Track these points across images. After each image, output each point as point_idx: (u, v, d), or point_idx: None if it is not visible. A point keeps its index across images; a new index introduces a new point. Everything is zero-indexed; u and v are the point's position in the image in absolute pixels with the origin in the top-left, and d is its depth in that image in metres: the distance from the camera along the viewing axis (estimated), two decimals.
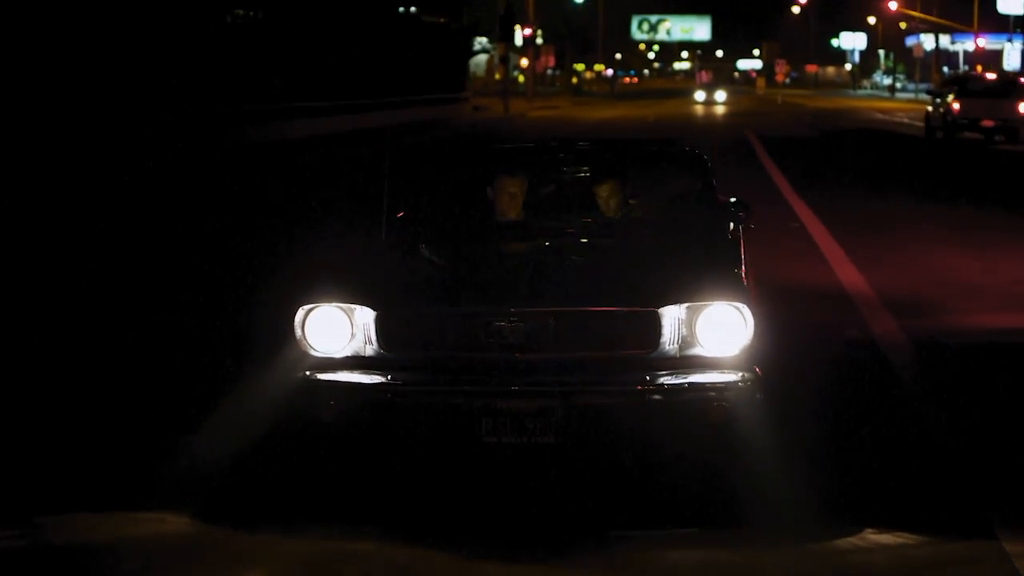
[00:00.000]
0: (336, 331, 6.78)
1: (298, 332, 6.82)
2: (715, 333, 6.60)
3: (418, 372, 6.71)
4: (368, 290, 6.90)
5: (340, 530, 6.39)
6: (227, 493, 6.91)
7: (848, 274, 13.44)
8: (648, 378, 6.53)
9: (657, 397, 6.51)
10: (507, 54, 69.53)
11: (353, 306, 6.77)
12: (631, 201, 8.44)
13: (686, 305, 6.60)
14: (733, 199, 8.74)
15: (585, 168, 8.92)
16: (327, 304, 6.82)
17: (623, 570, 6.00)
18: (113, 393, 8.73)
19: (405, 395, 6.65)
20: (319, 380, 6.72)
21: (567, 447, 6.66)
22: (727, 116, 64.43)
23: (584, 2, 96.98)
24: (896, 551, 6.17)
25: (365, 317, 6.74)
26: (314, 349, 6.81)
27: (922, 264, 14.49)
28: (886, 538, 6.26)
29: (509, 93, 66.55)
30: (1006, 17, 63.62)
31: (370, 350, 6.75)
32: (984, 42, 67.76)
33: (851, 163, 30.73)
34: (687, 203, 8.48)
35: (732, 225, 8.20)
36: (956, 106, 38.00)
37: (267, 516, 6.60)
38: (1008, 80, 43.48)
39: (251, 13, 39.07)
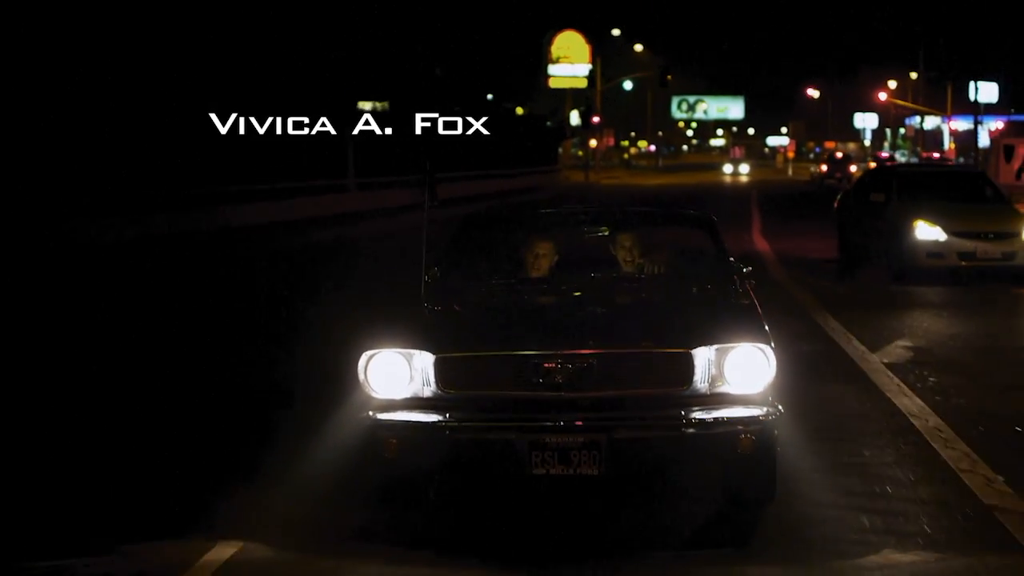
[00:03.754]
0: (397, 374, 6.33)
1: (361, 376, 6.35)
2: (741, 372, 6.20)
3: (472, 410, 6.25)
4: (426, 336, 6.45)
5: (407, 554, 6.04)
6: (301, 522, 6.49)
7: (758, 230, 27.18)
8: (683, 413, 6.11)
9: (691, 431, 6.10)
10: (586, 138, 78.68)
11: (412, 351, 6.32)
12: (640, 260, 7.98)
13: (716, 346, 6.19)
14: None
15: (606, 229, 8.41)
16: (388, 349, 6.36)
17: None
18: (186, 440, 8.15)
19: (460, 431, 6.20)
20: (381, 420, 6.27)
21: (610, 477, 6.23)
22: (746, 182, 70.35)
23: (633, 88, 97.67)
24: (915, 567, 5.76)
25: (424, 361, 6.28)
26: (376, 391, 6.34)
27: (788, 224, 28.96)
28: (905, 557, 5.86)
29: (575, 167, 74.11)
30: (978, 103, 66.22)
31: (428, 391, 6.27)
32: (956, 124, 71.70)
33: (786, 197, 47.14)
34: (700, 261, 8.00)
35: (739, 280, 7.68)
36: (824, 168, 63.89)
37: (339, 541, 6.24)
38: (847, 155, 75.40)
39: (378, 104, 42.66)
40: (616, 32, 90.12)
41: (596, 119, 75.14)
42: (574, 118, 75.81)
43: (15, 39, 22.72)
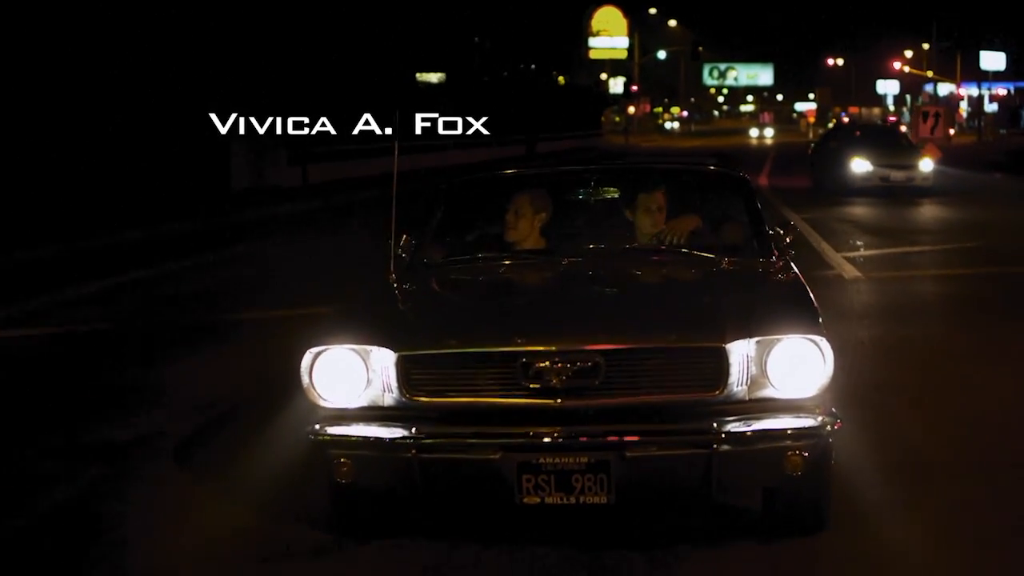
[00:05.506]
0: (349, 377, 4.81)
1: (305, 379, 4.83)
2: (789, 371, 4.67)
3: (446, 423, 4.75)
4: (386, 329, 4.92)
5: None
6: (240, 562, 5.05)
7: (766, 173, 35.18)
8: (714, 425, 4.60)
9: (725, 447, 4.56)
10: (627, 106, 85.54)
11: (369, 348, 4.79)
12: (660, 227, 6.40)
13: (756, 340, 4.64)
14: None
15: (617, 191, 6.89)
16: (339, 346, 4.84)
17: None
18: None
19: (431, 450, 4.68)
20: (330, 435, 4.78)
21: (622, 507, 4.69)
22: (770, 144, 73.89)
23: (666, 57, 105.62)
24: None
25: (384, 360, 4.76)
26: (324, 399, 4.84)
27: (789, 170, 35.25)
28: None
29: (617, 131, 79.88)
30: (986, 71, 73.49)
31: (389, 399, 4.78)
32: (963, 91, 79.75)
33: (796, 154, 47.28)
34: (733, 229, 6.46)
35: (779, 253, 6.13)
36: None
37: None
38: (853, 120, 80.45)
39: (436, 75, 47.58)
40: (653, 11, 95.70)
41: (634, 88, 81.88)
42: (614, 86, 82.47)
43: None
